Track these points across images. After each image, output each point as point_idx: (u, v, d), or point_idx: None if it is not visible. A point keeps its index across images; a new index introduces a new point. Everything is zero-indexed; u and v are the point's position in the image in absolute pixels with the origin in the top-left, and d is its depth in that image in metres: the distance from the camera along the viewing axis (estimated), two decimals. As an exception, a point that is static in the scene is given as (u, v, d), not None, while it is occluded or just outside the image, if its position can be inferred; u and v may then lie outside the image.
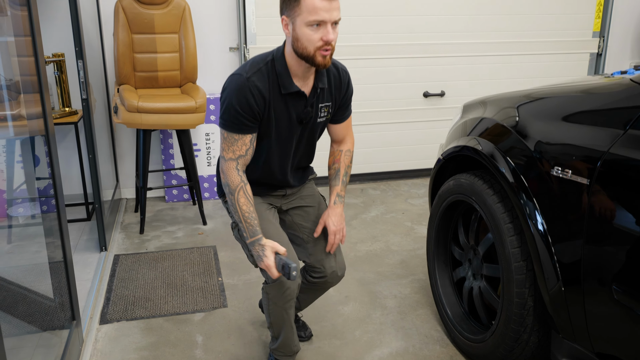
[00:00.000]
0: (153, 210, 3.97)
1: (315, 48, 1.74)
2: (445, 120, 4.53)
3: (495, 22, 4.43)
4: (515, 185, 1.92)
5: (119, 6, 3.52)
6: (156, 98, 3.40)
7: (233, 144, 1.85)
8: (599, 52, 4.72)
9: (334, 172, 2.14)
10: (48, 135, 2.10)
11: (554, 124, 1.86)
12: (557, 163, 1.76)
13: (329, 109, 1.98)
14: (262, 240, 1.87)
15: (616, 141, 1.59)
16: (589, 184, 1.64)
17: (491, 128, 2.15)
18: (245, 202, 1.87)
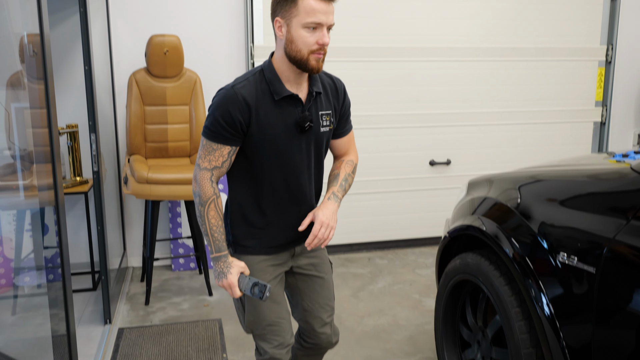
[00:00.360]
0: (159, 279, 3.95)
1: (309, 51, 1.71)
2: (451, 189, 4.55)
3: (499, 91, 4.52)
4: (521, 268, 1.91)
5: (132, 79, 3.64)
6: (166, 169, 3.46)
7: (210, 153, 1.77)
8: (602, 121, 4.78)
9: (332, 177, 2.00)
10: (58, 206, 2.13)
11: (557, 208, 1.87)
12: (563, 248, 1.76)
13: (330, 117, 1.89)
14: (229, 258, 1.79)
15: (620, 230, 1.59)
16: (596, 272, 1.63)
17: (495, 208, 2.16)
18: (215, 215, 1.79)
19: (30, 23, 1.97)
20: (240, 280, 1.76)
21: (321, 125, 1.87)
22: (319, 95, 1.86)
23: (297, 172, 1.85)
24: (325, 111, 1.88)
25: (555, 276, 1.78)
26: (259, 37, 4.04)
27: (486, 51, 4.43)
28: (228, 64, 4.09)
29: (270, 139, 1.78)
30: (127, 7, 3.87)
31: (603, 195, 1.72)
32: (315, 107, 1.85)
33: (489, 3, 4.36)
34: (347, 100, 1.98)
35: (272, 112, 1.77)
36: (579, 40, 4.61)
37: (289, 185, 1.85)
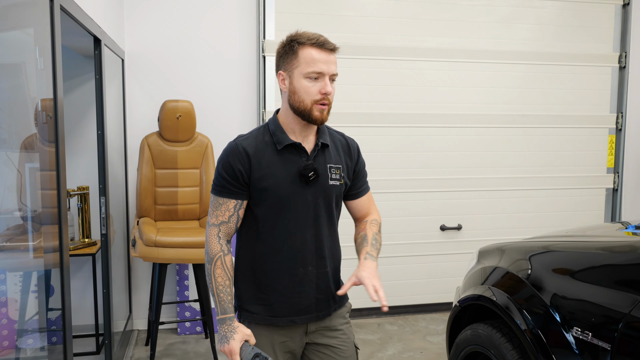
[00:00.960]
0: (164, 343, 3.87)
1: (312, 101, 1.68)
2: (462, 254, 4.48)
3: (511, 158, 4.52)
4: (534, 342, 1.84)
5: (144, 143, 3.70)
6: (174, 232, 3.46)
7: (217, 209, 1.74)
8: (614, 188, 4.74)
9: (360, 239, 1.87)
10: (62, 268, 2.12)
11: (569, 280, 1.82)
12: (577, 323, 1.70)
13: (340, 172, 1.80)
14: (235, 322, 1.70)
15: (636, 305, 1.54)
16: (611, 349, 1.57)
17: (506, 278, 2.11)
18: (222, 274, 1.71)
19: (45, 88, 2.03)
20: (243, 348, 1.67)
21: (329, 177, 1.78)
22: (327, 147, 1.80)
23: (302, 226, 1.75)
24: (335, 165, 1.80)
25: (569, 351, 1.72)
26: (270, 103, 4.12)
27: (498, 118, 4.47)
28: (240, 129, 4.16)
29: (272, 189, 1.71)
30: (142, 73, 3.99)
31: (617, 268, 1.68)
32: (323, 158, 1.78)
33: (501, 72, 4.44)
34: (362, 159, 1.92)
35: (274, 161, 1.73)
36: (589, 108, 4.65)
37: (293, 242, 1.74)
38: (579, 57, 4.57)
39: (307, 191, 1.74)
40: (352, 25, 4.17)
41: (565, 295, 1.80)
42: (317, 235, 1.78)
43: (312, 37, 1.71)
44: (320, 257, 1.79)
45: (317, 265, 1.79)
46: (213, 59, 4.08)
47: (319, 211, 1.77)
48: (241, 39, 4.10)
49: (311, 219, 1.76)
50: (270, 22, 4.07)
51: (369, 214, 1.95)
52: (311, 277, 1.78)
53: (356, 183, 1.90)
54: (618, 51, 4.65)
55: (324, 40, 1.71)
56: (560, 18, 4.53)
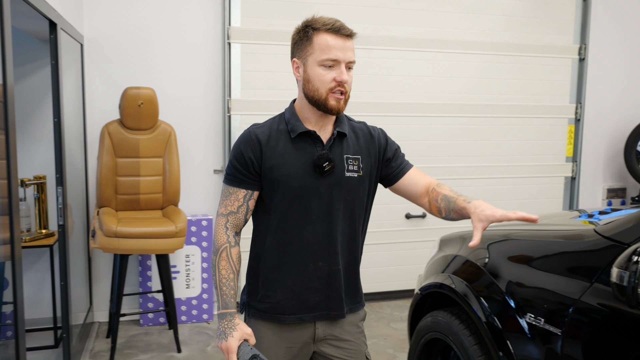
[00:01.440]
0: (126, 335, 3.82)
1: (327, 90, 1.59)
2: (427, 242, 4.53)
3: (475, 146, 4.58)
4: (490, 328, 1.88)
5: (105, 131, 3.62)
6: (136, 222, 3.40)
7: (227, 198, 1.67)
8: (573, 176, 4.86)
9: (443, 202, 1.65)
10: (14, 261, 2.05)
11: (524, 268, 1.86)
12: (530, 309, 1.74)
13: (359, 162, 1.69)
14: (236, 319, 1.61)
15: (585, 292, 1.58)
16: (561, 333, 1.61)
17: (465, 266, 2.15)
18: (226, 266, 1.63)
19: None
20: (241, 347, 1.58)
21: (346, 169, 1.67)
22: (345, 137, 1.69)
23: (314, 220, 1.64)
24: (353, 155, 1.69)
25: (523, 336, 1.75)
26: (236, 91, 4.07)
27: (462, 108, 4.52)
28: (204, 117, 4.11)
29: (284, 179, 1.62)
30: (103, 59, 3.89)
31: (568, 256, 1.72)
32: (340, 149, 1.68)
33: (466, 62, 4.48)
34: (391, 142, 1.81)
35: (287, 150, 1.64)
36: (550, 99, 4.74)
37: (304, 236, 1.64)
38: (541, 49, 4.65)
39: (321, 183, 1.64)
40: (320, 13, 4.11)
41: (520, 282, 1.84)
42: (331, 230, 1.66)
43: (328, 23, 1.62)
44: (333, 253, 1.68)
45: (329, 261, 1.67)
46: (177, 46, 4.00)
47: (334, 204, 1.66)
48: (206, 26, 4.03)
49: (324, 213, 1.65)
50: (236, 8, 4.01)
51: (430, 182, 1.76)
52: (322, 274, 1.67)
53: (394, 163, 1.77)
54: (578, 43, 4.75)
55: (340, 25, 1.62)
56: (524, 10, 4.59)
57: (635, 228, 1.55)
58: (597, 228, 1.70)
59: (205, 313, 4.08)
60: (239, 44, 4.03)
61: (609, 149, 5.01)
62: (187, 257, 4.02)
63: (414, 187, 1.76)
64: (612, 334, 1.49)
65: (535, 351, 1.71)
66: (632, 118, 4.95)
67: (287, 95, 4.15)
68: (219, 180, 4.17)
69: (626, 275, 1.28)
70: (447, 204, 1.65)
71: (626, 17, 4.89)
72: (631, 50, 4.95)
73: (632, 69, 4.97)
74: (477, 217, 1.51)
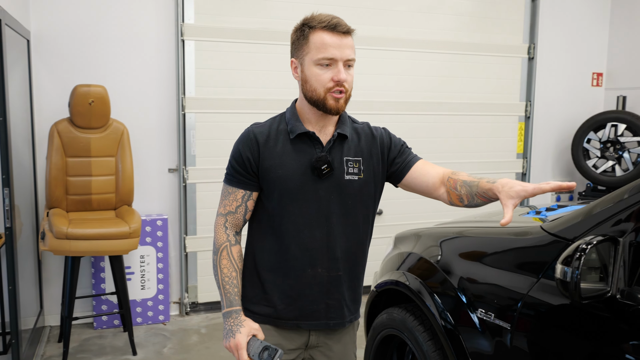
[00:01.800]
0: (79, 339, 3.73)
1: (325, 89, 1.54)
2: (383, 238, 4.58)
3: (430, 144, 4.66)
4: (443, 324, 1.92)
5: (54, 130, 3.51)
6: (88, 223, 3.31)
7: (226, 198, 1.64)
8: (523, 172, 5.01)
9: (464, 188, 1.58)
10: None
11: (475, 264, 1.91)
12: (481, 305, 1.79)
13: (360, 165, 1.63)
14: (241, 316, 1.57)
15: (532, 287, 1.64)
16: (511, 328, 1.66)
17: (419, 264, 2.19)
18: (228, 265, 1.60)
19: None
20: (251, 343, 1.52)
21: (345, 172, 1.61)
22: (346, 139, 1.64)
23: (312, 224, 1.59)
24: (354, 158, 1.64)
25: (475, 331, 1.80)
26: (190, 88, 4.02)
27: (417, 106, 4.59)
28: (158, 115, 4.04)
29: (281, 181, 1.58)
30: (51, 55, 3.77)
31: (516, 253, 1.77)
32: (340, 151, 1.63)
33: (420, 61, 4.55)
34: (396, 139, 1.75)
35: (286, 151, 1.60)
36: (501, 97, 4.87)
37: (302, 240, 1.59)
38: (492, 48, 4.77)
39: (320, 185, 1.59)
40: (275, 10, 4.13)
41: (471, 278, 1.88)
42: (330, 235, 1.61)
43: (324, 20, 1.56)
44: (332, 259, 1.61)
45: (328, 267, 1.61)
46: (129, 42, 3.92)
47: (333, 208, 1.60)
48: (159, 22, 3.96)
49: (323, 216, 1.60)
50: (190, 5, 3.95)
51: (444, 172, 1.68)
52: (321, 280, 1.61)
53: (399, 159, 1.70)
54: (527, 43, 4.89)
55: (337, 22, 1.56)
56: (476, 10, 4.69)
57: (578, 225, 1.61)
58: (544, 225, 1.76)
59: (162, 314, 4.02)
60: (193, 41, 3.98)
61: (558, 145, 5.19)
62: (142, 258, 3.95)
63: (424, 178, 1.68)
64: (558, 328, 1.55)
65: (487, 345, 1.76)
66: (579, 115, 5.13)
67: (242, 93, 4.13)
68: (174, 179, 4.12)
69: (569, 271, 1.33)
70: (468, 190, 1.58)
71: (573, 18, 5.07)
72: (577, 50, 5.12)
73: (578, 68, 5.15)
74: (507, 194, 1.42)
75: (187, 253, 4.15)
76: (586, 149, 4.88)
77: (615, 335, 1.42)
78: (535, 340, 1.60)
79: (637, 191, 1.52)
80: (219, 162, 4.08)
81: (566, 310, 1.53)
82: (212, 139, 4.09)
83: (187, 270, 4.17)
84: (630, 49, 5.01)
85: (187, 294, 4.18)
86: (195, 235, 4.14)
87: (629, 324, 1.41)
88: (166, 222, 3.98)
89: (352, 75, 1.58)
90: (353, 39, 1.59)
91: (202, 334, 3.83)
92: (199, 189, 4.12)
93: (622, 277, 1.44)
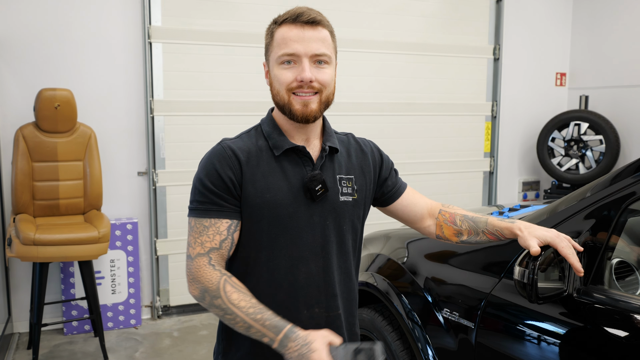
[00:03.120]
0: (49, 345, 3.68)
1: (287, 91, 1.32)
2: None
3: (399, 144, 4.72)
4: (410, 324, 1.97)
5: (19, 134, 3.46)
6: (55, 228, 3.28)
7: (201, 234, 1.31)
8: (491, 171, 5.12)
9: (464, 224, 1.51)
10: None
11: (440, 266, 1.96)
12: (446, 304, 1.84)
13: (352, 183, 1.43)
14: (300, 331, 1.22)
15: (494, 287, 1.69)
16: (474, 327, 1.72)
17: (387, 265, 2.23)
18: (240, 296, 1.26)
19: None
20: (334, 353, 1.21)
21: (340, 192, 1.40)
22: (336, 154, 1.44)
23: (307, 256, 1.36)
24: (346, 175, 1.43)
25: (440, 331, 1.85)
26: (158, 91, 4.00)
27: (386, 106, 4.65)
28: (126, 118, 4.00)
29: (270, 208, 1.33)
30: (15, 58, 3.71)
31: (479, 253, 1.83)
32: (332, 168, 1.42)
33: (388, 62, 4.61)
34: (386, 158, 1.58)
35: (271, 172, 1.35)
36: (468, 97, 4.96)
37: (296, 276, 1.35)
38: (458, 49, 4.85)
39: (313, 210, 1.37)
40: (243, 12, 4.13)
41: (437, 279, 1.94)
42: (327, 268, 1.38)
43: (289, 12, 1.36)
44: (331, 296, 1.39)
45: (326, 306, 1.39)
46: (95, 45, 3.87)
47: (329, 236, 1.39)
48: (125, 24, 3.92)
49: (318, 247, 1.37)
50: (156, 7, 3.93)
51: (432, 204, 1.58)
52: (319, 321, 1.38)
53: (390, 182, 1.55)
54: (493, 44, 4.99)
55: (301, 12, 1.34)
56: (442, 11, 4.77)
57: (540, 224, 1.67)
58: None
59: (133, 318, 4.00)
60: (161, 43, 3.96)
61: (523, 144, 5.31)
62: (112, 262, 3.92)
63: (413, 208, 1.57)
64: (520, 326, 1.61)
65: (452, 344, 1.81)
66: (543, 115, 5.26)
67: (212, 95, 4.13)
68: (144, 182, 4.09)
69: (526, 272, 1.38)
70: (472, 225, 1.50)
71: (536, 19, 5.19)
72: (541, 51, 5.25)
73: (542, 68, 5.28)
74: (531, 234, 1.42)
75: (158, 256, 4.13)
76: (551, 147, 5.01)
77: (572, 332, 1.49)
78: (498, 339, 1.66)
79: (599, 189, 1.58)
80: (188, 164, 4.07)
81: (527, 309, 1.59)
82: (182, 142, 4.08)
83: (158, 273, 4.15)
84: (592, 50, 5.16)
85: (159, 297, 4.16)
86: (166, 239, 4.12)
87: (584, 321, 1.47)
88: (136, 225, 3.96)
89: (328, 73, 1.35)
90: (328, 32, 1.37)
91: (174, 337, 3.82)
92: (169, 192, 4.10)
93: (578, 277, 1.50)
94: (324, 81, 1.35)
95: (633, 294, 1.49)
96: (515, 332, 1.60)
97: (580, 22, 5.25)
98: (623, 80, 4.87)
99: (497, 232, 1.48)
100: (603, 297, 1.46)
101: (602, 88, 5.06)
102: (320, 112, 1.38)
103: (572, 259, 1.38)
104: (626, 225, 1.51)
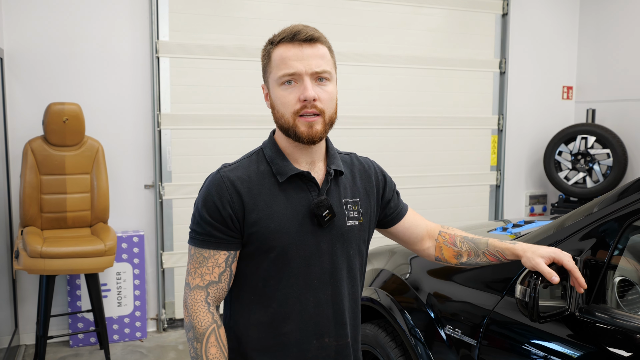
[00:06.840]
0: (55, 357, 3.69)
1: (292, 113, 1.29)
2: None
3: (403, 158, 4.73)
4: (413, 340, 1.96)
5: (28, 148, 3.50)
6: (62, 241, 3.30)
7: (201, 265, 1.30)
8: (497, 184, 5.11)
9: (465, 245, 1.51)
10: None
11: (442, 282, 1.95)
12: (448, 321, 1.84)
13: (358, 207, 1.40)
14: None
15: (497, 305, 1.69)
16: (477, 344, 1.71)
17: (390, 280, 2.23)
18: (218, 354, 1.26)
19: None
20: None
21: (347, 216, 1.37)
22: (340, 177, 1.41)
23: (317, 284, 1.33)
24: (352, 199, 1.40)
25: (443, 347, 1.85)
26: (166, 105, 4.03)
27: (391, 120, 4.66)
28: (133, 131, 4.04)
29: (275, 237, 1.30)
30: (25, 73, 3.76)
31: (482, 270, 1.82)
32: (337, 192, 1.38)
33: (394, 75, 4.62)
34: (389, 179, 1.56)
35: (276, 200, 1.31)
36: (474, 111, 4.96)
37: (305, 306, 1.32)
38: (464, 62, 4.87)
39: (321, 237, 1.33)
40: (248, 27, 4.17)
41: (439, 295, 1.93)
42: (336, 296, 1.35)
43: (284, 31, 1.33)
44: (340, 325, 1.37)
45: (336, 335, 1.37)
46: (103, 59, 3.92)
47: (337, 262, 1.36)
48: (133, 39, 3.97)
49: (327, 275, 1.34)
50: (164, 22, 3.98)
51: (431, 225, 1.58)
52: (329, 352, 1.36)
53: (393, 204, 1.54)
54: (499, 57, 5.00)
55: (297, 30, 1.31)
56: (447, 25, 4.79)
57: (543, 241, 1.66)
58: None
59: (139, 331, 4.00)
60: (168, 57, 4.00)
61: (530, 157, 5.30)
62: (119, 275, 3.93)
63: (414, 230, 1.56)
64: (522, 344, 1.60)
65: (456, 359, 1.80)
66: (550, 128, 5.25)
67: (218, 109, 4.16)
68: (150, 195, 4.11)
69: (528, 291, 1.38)
70: (472, 247, 1.50)
71: (542, 33, 5.20)
72: (548, 64, 5.25)
73: (549, 82, 5.28)
74: (535, 253, 1.42)
75: (164, 269, 4.15)
76: (558, 161, 4.99)
77: (575, 351, 1.48)
78: (499, 357, 1.65)
79: (606, 205, 1.57)
80: (195, 177, 4.09)
81: (529, 327, 1.58)
82: (188, 155, 4.11)
83: (164, 286, 4.16)
84: (599, 63, 5.15)
85: (165, 310, 4.17)
86: (172, 251, 4.14)
87: (586, 340, 1.47)
88: (142, 238, 3.97)
89: (329, 91, 1.33)
90: (326, 48, 1.36)
91: (179, 350, 3.82)
92: (176, 205, 4.13)
93: (580, 295, 1.50)
94: (327, 101, 1.33)
95: (636, 312, 1.48)
96: (518, 350, 1.60)
97: (586, 35, 5.25)
98: (630, 93, 4.86)
99: (499, 253, 1.48)
100: (606, 316, 1.45)
101: (609, 101, 5.04)
102: (325, 132, 1.35)
103: (577, 274, 1.39)
104: (629, 243, 1.51)
